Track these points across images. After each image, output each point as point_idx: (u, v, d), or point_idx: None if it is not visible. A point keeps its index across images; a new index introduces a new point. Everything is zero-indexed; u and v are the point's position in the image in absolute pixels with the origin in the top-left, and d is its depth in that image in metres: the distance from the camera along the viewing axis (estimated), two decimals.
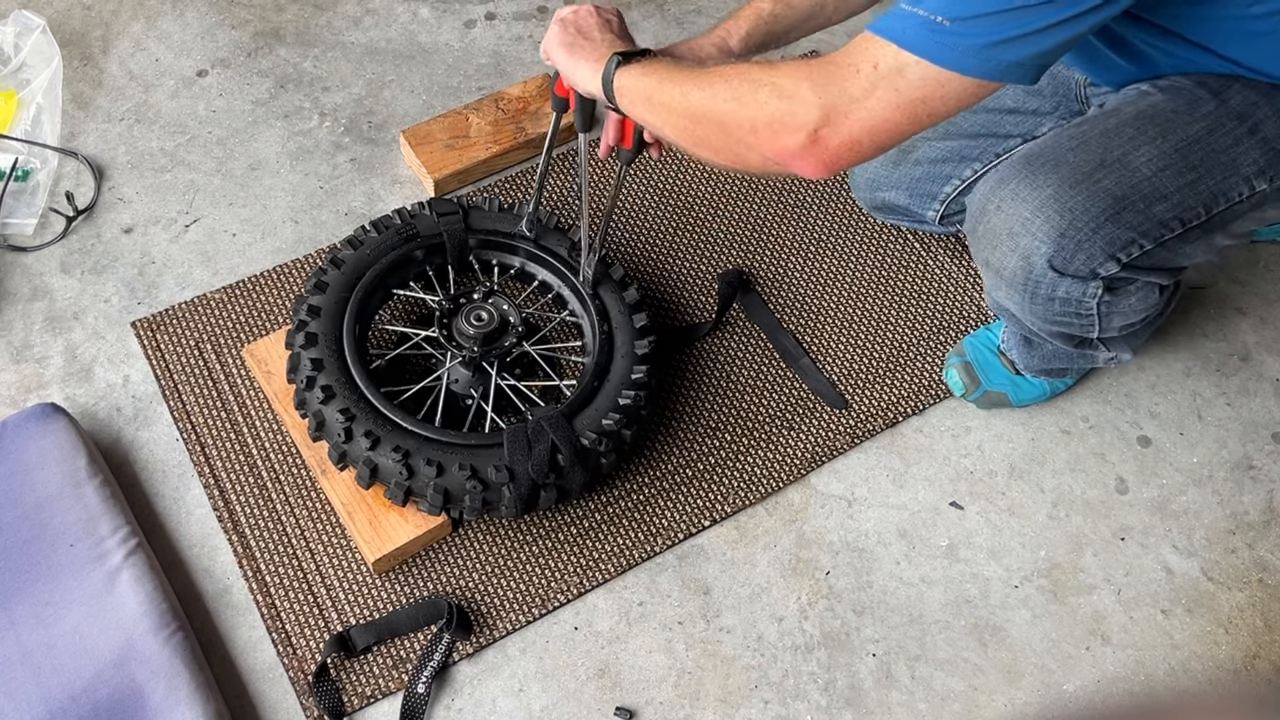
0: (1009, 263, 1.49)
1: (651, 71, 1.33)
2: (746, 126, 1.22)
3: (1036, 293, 1.50)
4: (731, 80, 1.25)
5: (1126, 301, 1.54)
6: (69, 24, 2.16)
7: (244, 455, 1.71)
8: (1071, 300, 1.50)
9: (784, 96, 1.19)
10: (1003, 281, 1.53)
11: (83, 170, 1.97)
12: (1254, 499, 1.80)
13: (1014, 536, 1.74)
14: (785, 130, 1.20)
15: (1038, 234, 1.45)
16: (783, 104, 1.19)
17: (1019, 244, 1.47)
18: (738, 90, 1.23)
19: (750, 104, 1.21)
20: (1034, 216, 1.45)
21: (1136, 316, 1.58)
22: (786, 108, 1.19)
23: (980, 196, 1.52)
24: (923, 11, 1.14)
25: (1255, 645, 1.68)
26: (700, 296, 1.92)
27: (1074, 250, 1.45)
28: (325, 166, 2.02)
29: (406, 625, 1.58)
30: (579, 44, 1.42)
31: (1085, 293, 1.49)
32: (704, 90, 1.27)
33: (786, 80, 1.20)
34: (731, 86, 1.24)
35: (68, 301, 1.84)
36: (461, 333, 1.68)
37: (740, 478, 1.75)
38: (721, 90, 1.25)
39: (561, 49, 1.44)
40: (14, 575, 1.51)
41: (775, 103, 1.20)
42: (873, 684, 1.61)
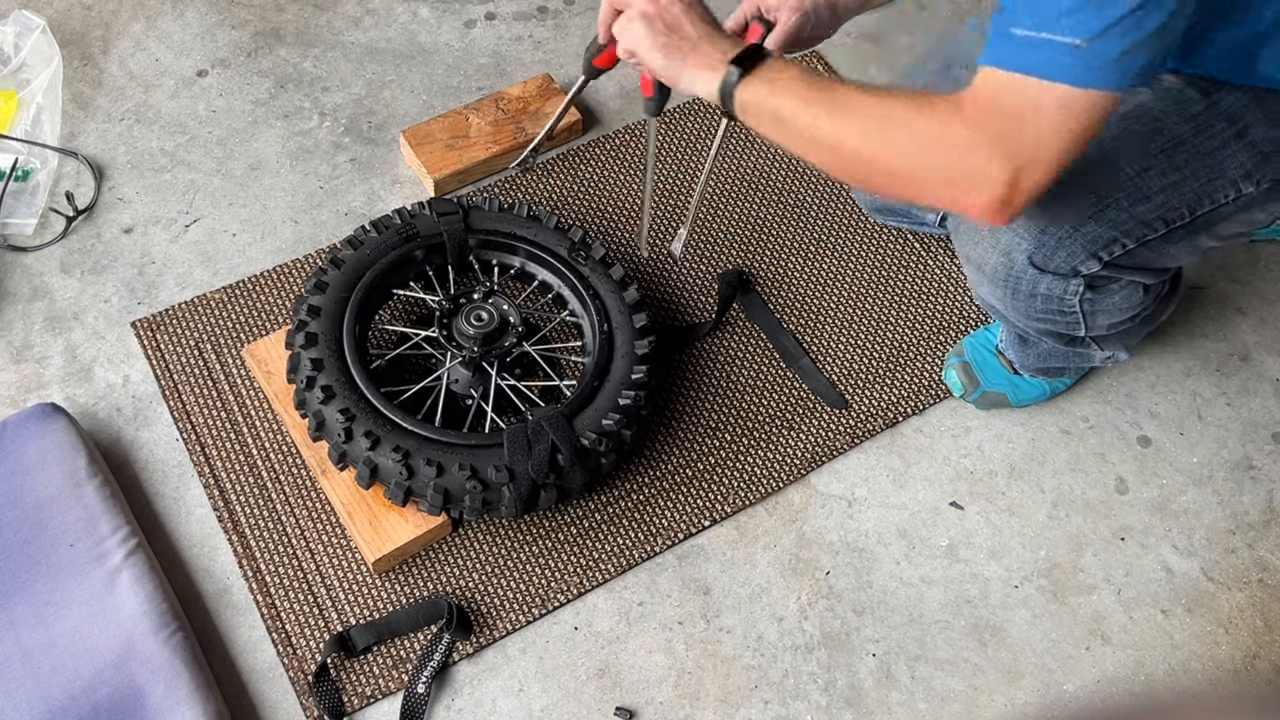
0: (990, 258, 1.49)
1: (779, 90, 1.27)
2: (923, 182, 1.22)
3: (1018, 289, 1.50)
4: (895, 108, 1.21)
5: (1110, 300, 1.54)
6: (69, 24, 2.16)
7: (244, 455, 1.71)
8: (1053, 297, 1.50)
9: (964, 158, 1.18)
10: (984, 277, 1.53)
11: (83, 170, 1.97)
12: (1254, 499, 1.80)
13: (1014, 536, 1.74)
14: (972, 192, 1.19)
15: (1019, 229, 1.45)
16: (965, 166, 1.18)
17: (1000, 240, 1.47)
18: (902, 144, 1.21)
19: (927, 163, 1.20)
20: None
21: (1122, 315, 1.58)
22: (970, 171, 1.18)
23: None
24: (1060, 38, 1.12)
25: (1255, 645, 1.68)
26: (700, 296, 1.92)
27: (1055, 247, 1.44)
28: (325, 166, 2.02)
29: (406, 625, 1.58)
30: (676, 44, 1.33)
31: (1066, 290, 1.49)
32: (848, 124, 1.23)
33: (961, 137, 1.17)
34: (882, 128, 1.21)
35: (68, 301, 1.84)
36: (461, 333, 1.68)
37: (740, 478, 1.75)
38: (875, 128, 1.22)
39: (657, 52, 1.33)
40: (14, 575, 1.51)
41: (957, 164, 1.19)
42: (873, 684, 1.61)
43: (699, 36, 1.33)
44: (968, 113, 1.17)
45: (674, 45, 1.33)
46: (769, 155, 2.09)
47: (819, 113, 1.25)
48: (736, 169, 2.07)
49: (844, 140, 1.24)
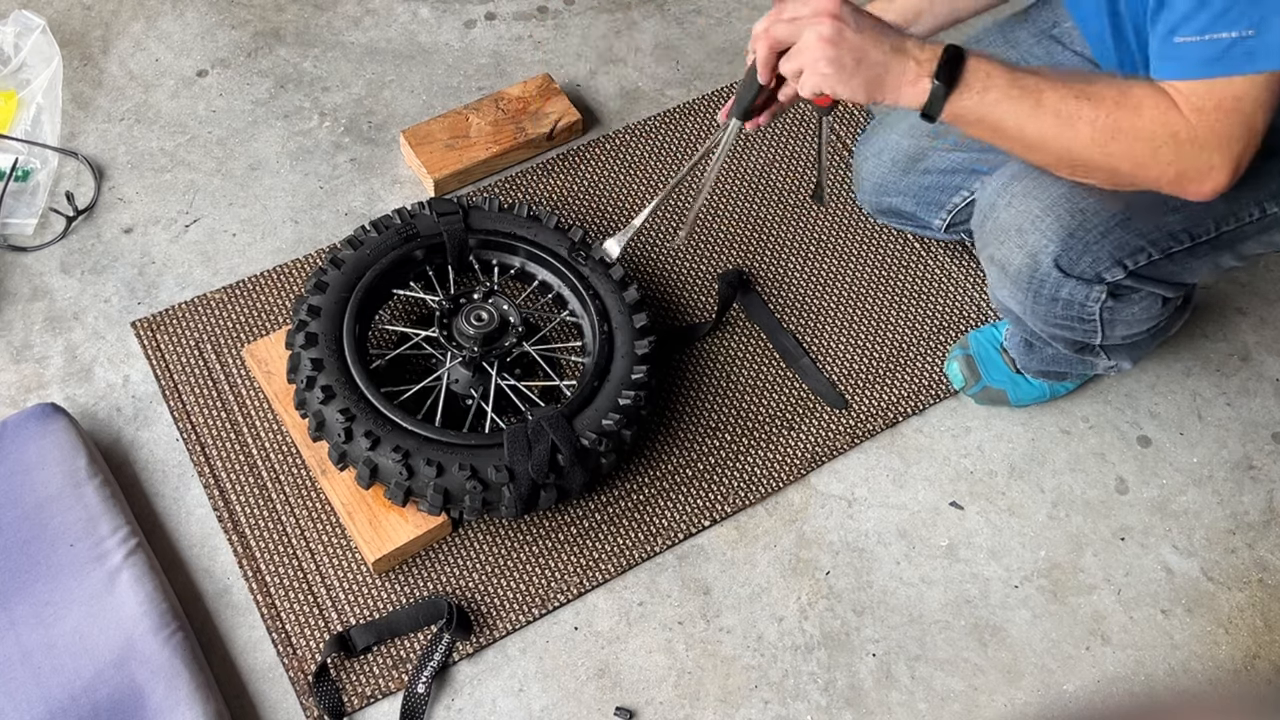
0: (1015, 259, 1.49)
1: (990, 101, 1.27)
2: (1152, 179, 1.28)
3: (1040, 292, 1.50)
4: (1111, 118, 1.25)
5: (1130, 310, 1.54)
6: (69, 24, 2.16)
7: (244, 455, 1.71)
8: (1074, 303, 1.50)
9: (1196, 158, 1.25)
10: (1007, 279, 1.53)
11: (83, 170, 1.97)
12: (1254, 499, 1.80)
13: (1014, 536, 1.74)
14: (1198, 182, 1.27)
15: (1047, 232, 1.45)
16: (1196, 164, 1.25)
17: (1027, 240, 1.47)
18: (1129, 147, 1.26)
19: (1154, 165, 1.26)
20: (1045, 214, 1.45)
21: (1140, 326, 1.58)
22: (1199, 167, 1.25)
23: (991, 191, 1.52)
24: (1233, 33, 1.19)
25: (1255, 645, 1.68)
26: (700, 296, 1.92)
27: (1081, 251, 1.45)
28: (325, 166, 2.02)
29: (406, 625, 1.58)
30: (866, 73, 1.26)
31: (1089, 296, 1.49)
32: (1074, 134, 1.26)
33: (1188, 139, 1.24)
34: (1116, 133, 1.25)
35: (68, 301, 1.84)
36: (461, 333, 1.68)
37: (740, 478, 1.75)
38: (1107, 136, 1.25)
39: (850, 87, 1.27)
40: (14, 575, 1.51)
41: (1188, 163, 1.25)
42: (873, 684, 1.61)
43: (888, 54, 1.26)
44: (1189, 118, 1.23)
45: (865, 75, 1.26)
46: (769, 155, 2.09)
47: (1042, 124, 1.27)
48: (736, 169, 2.07)
49: (1070, 148, 1.27)
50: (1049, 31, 1.70)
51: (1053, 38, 1.69)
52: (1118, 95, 1.26)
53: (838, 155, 2.10)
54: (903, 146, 1.82)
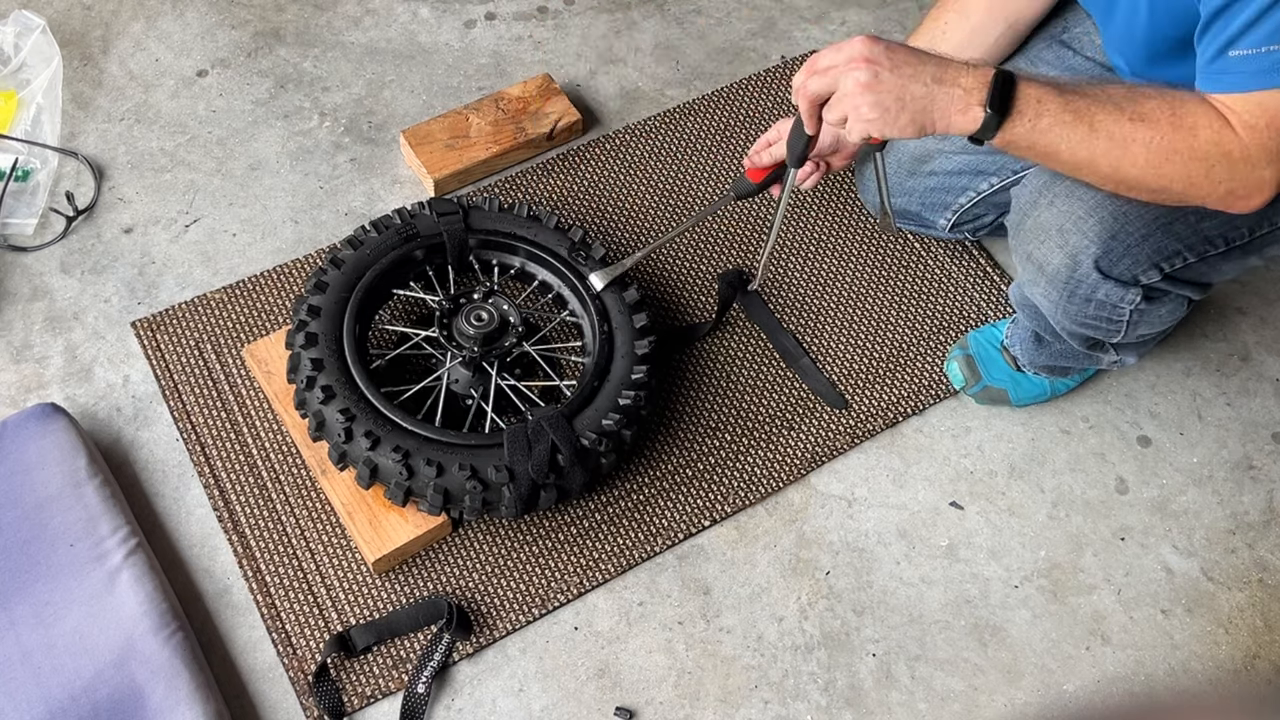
0: (1054, 259, 1.49)
1: (1042, 129, 1.26)
2: (1202, 196, 1.29)
3: (1076, 292, 1.50)
4: (1165, 141, 1.25)
5: (1158, 312, 1.55)
6: (69, 24, 2.16)
7: (244, 455, 1.71)
8: (1108, 304, 1.51)
9: (1247, 175, 1.26)
10: (1043, 277, 1.52)
11: (83, 170, 1.97)
12: (1254, 499, 1.80)
13: (1014, 536, 1.74)
14: (1248, 198, 1.28)
15: (1089, 233, 1.45)
16: (1246, 181, 1.26)
17: (1068, 241, 1.47)
18: (1183, 169, 1.26)
19: (1205, 183, 1.27)
20: (1088, 216, 1.45)
21: (1162, 326, 1.59)
22: (1250, 183, 1.26)
23: (1031, 190, 1.51)
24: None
25: (1255, 645, 1.68)
26: (700, 296, 1.92)
27: (1122, 254, 1.45)
28: (325, 166, 2.02)
29: (406, 625, 1.58)
30: (912, 110, 1.25)
31: (1124, 298, 1.50)
32: (1126, 157, 1.27)
33: (1240, 157, 1.25)
34: (1171, 155, 1.26)
35: (68, 301, 1.84)
36: (461, 333, 1.68)
37: (740, 478, 1.75)
38: (1161, 158, 1.26)
39: (900, 128, 1.26)
40: (14, 575, 1.51)
41: (1239, 180, 1.26)
42: (873, 684, 1.61)
43: (930, 86, 1.25)
44: (1242, 136, 1.25)
45: (910, 112, 1.25)
46: None
47: (1094, 149, 1.27)
48: (736, 169, 2.07)
49: (1123, 170, 1.28)
50: (1059, 37, 1.69)
51: (1063, 43, 1.69)
52: (1172, 116, 1.25)
53: None
54: (909, 148, 1.82)
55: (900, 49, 1.27)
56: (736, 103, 2.15)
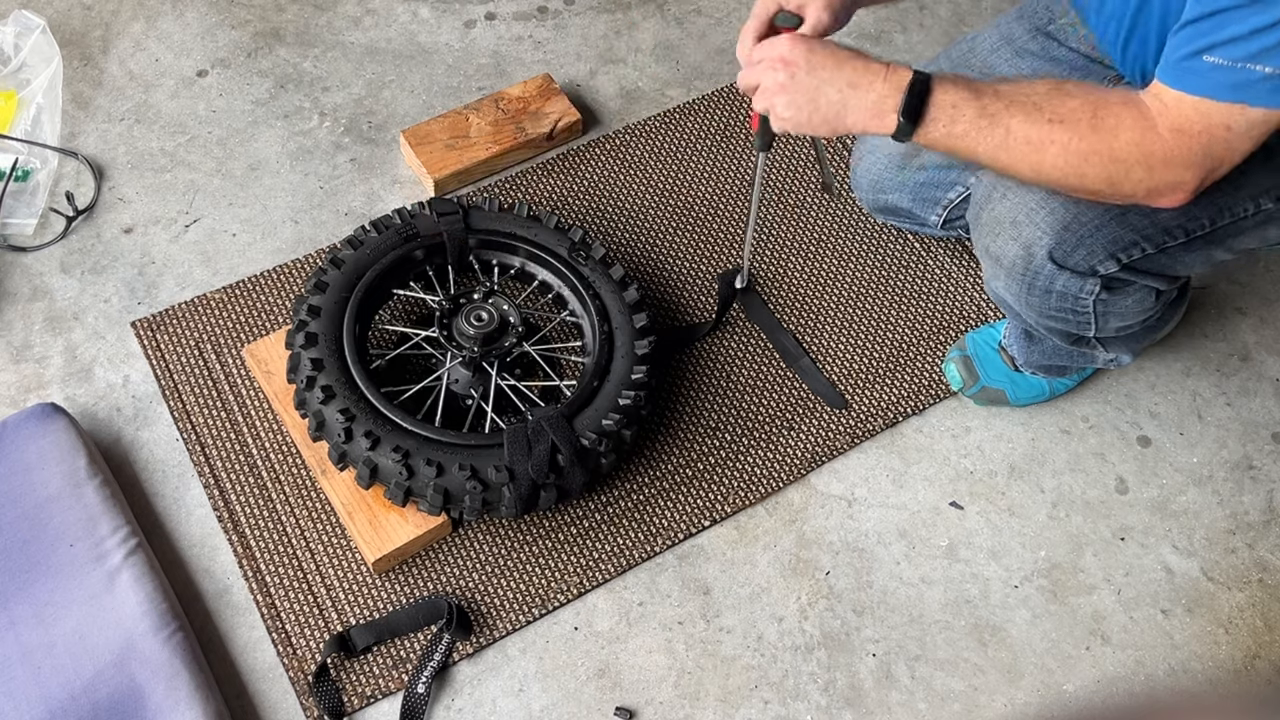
0: (1009, 251, 1.50)
1: (957, 135, 1.30)
2: (1121, 195, 1.32)
3: (1034, 284, 1.51)
4: (1084, 144, 1.27)
5: (1124, 303, 1.54)
6: (69, 24, 2.16)
7: (244, 455, 1.71)
8: (1068, 295, 1.51)
9: (1166, 175, 1.28)
10: (1001, 270, 1.53)
11: (83, 170, 1.97)
12: (1254, 499, 1.80)
13: (1014, 536, 1.74)
14: (1166, 195, 1.30)
15: (1041, 224, 1.46)
16: (1166, 180, 1.28)
17: (1021, 233, 1.48)
18: (1101, 170, 1.29)
19: (1126, 183, 1.29)
20: (1039, 207, 1.46)
21: (1133, 319, 1.59)
22: (1169, 182, 1.29)
23: (986, 183, 1.52)
24: (1258, 68, 1.20)
25: (1255, 645, 1.68)
26: (700, 296, 1.92)
27: (1075, 244, 1.45)
28: (325, 166, 2.02)
29: (406, 625, 1.58)
30: (824, 112, 1.33)
31: (1083, 289, 1.50)
32: (1043, 157, 1.29)
33: (1161, 158, 1.26)
34: (1089, 156, 1.28)
35: (68, 301, 1.84)
36: (461, 333, 1.68)
37: (740, 478, 1.75)
38: (1079, 160, 1.28)
39: (812, 125, 1.33)
40: (14, 575, 1.51)
41: (1159, 179, 1.28)
42: (873, 684, 1.61)
43: (844, 91, 1.32)
44: (1165, 137, 1.26)
45: (823, 114, 1.33)
46: (768, 155, 2.09)
47: (1012, 153, 1.30)
48: (736, 169, 2.07)
49: (1042, 172, 1.31)
50: (1044, 28, 1.70)
51: (1048, 34, 1.70)
52: (1092, 118, 1.27)
53: (836, 155, 2.10)
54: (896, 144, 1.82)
55: (822, 52, 1.33)
56: (736, 103, 2.15)
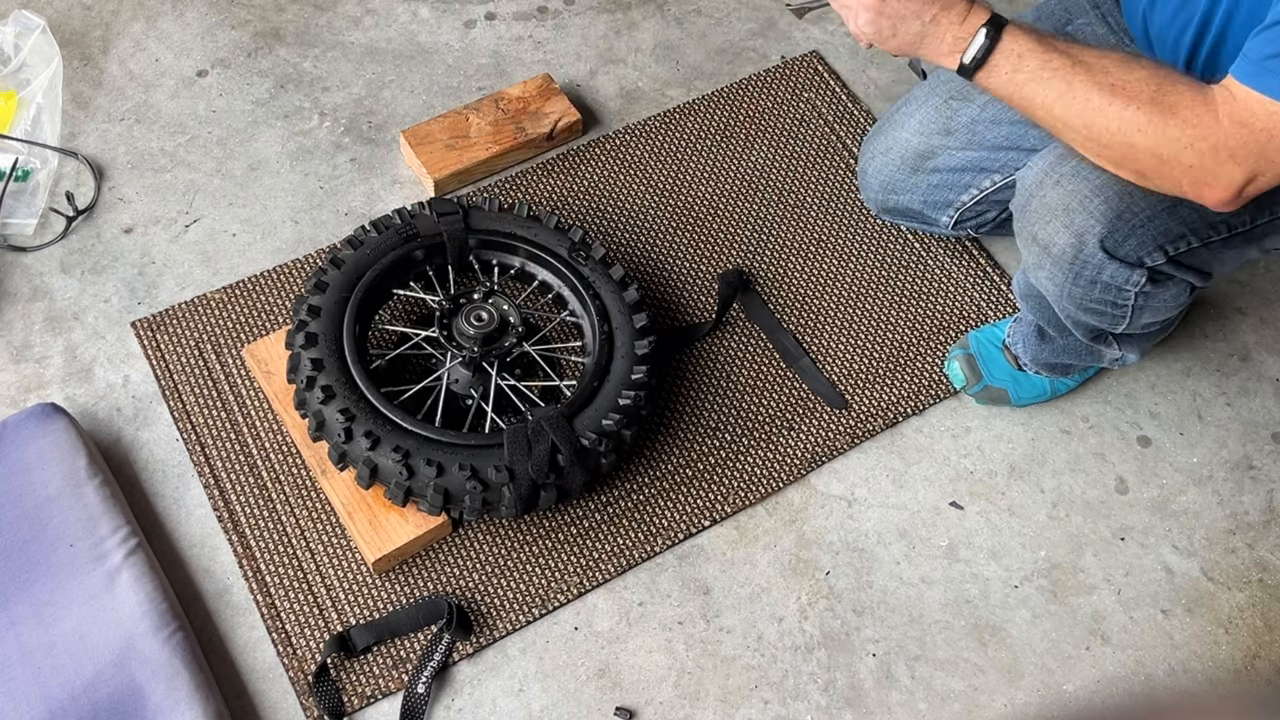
0: (1060, 239, 1.50)
1: (1019, 84, 1.32)
2: (1168, 177, 1.31)
3: (1081, 273, 1.51)
4: (1139, 115, 1.27)
5: (1163, 296, 1.55)
6: (69, 24, 2.16)
7: (244, 455, 1.71)
8: (1113, 286, 1.51)
9: (1215, 165, 1.27)
10: (1049, 258, 1.53)
11: (83, 170, 1.97)
12: (1254, 499, 1.80)
13: (1014, 536, 1.74)
14: (1212, 188, 1.29)
15: (1095, 213, 1.46)
16: (1213, 170, 1.27)
17: (1074, 220, 1.48)
18: (1157, 140, 1.28)
19: (1174, 166, 1.29)
20: (1093, 195, 1.46)
21: (1165, 314, 1.60)
22: (1216, 173, 1.27)
23: (1038, 171, 1.52)
24: None
25: (1255, 645, 1.68)
26: (700, 296, 1.92)
27: (1127, 234, 1.46)
28: (325, 166, 2.02)
29: (406, 625, 1.58)
30: (905, 36, 1.35)
31: (1129, 280, 1.50)
32: (1097, 119, 1.29)
33: (1213, 146, 1.26)
34: (1143, 127, 1.27)
35: (68, 301, 1.84)
36: (461, 333, 1.68)
37: (740, 478, 1.75)
38: (1133, 129, 1.28)
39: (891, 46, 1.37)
40: (14, 575, 1.51)
41: (1207, 168, 1.27)
42: (873, 684, 1.61)
43: (926, 25, 1.34)
44: (1224, 125, 1.25)
45: (901, 40, 1.36)
46: (768, 156, 2.09)
47: (1068, 110, 1.31)
48: (736, 169, 2.07)
49: (1096, 135, 1.31)
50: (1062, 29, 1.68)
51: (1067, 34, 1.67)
52: (1156, 91, 1.27)
53: (838, 157, 2.10)
54: (912, 145, 1.82)
55: None
56: (736, 103, 2.15)
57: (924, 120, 1.79)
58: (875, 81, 2.20)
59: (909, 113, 1.83)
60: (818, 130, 2.12)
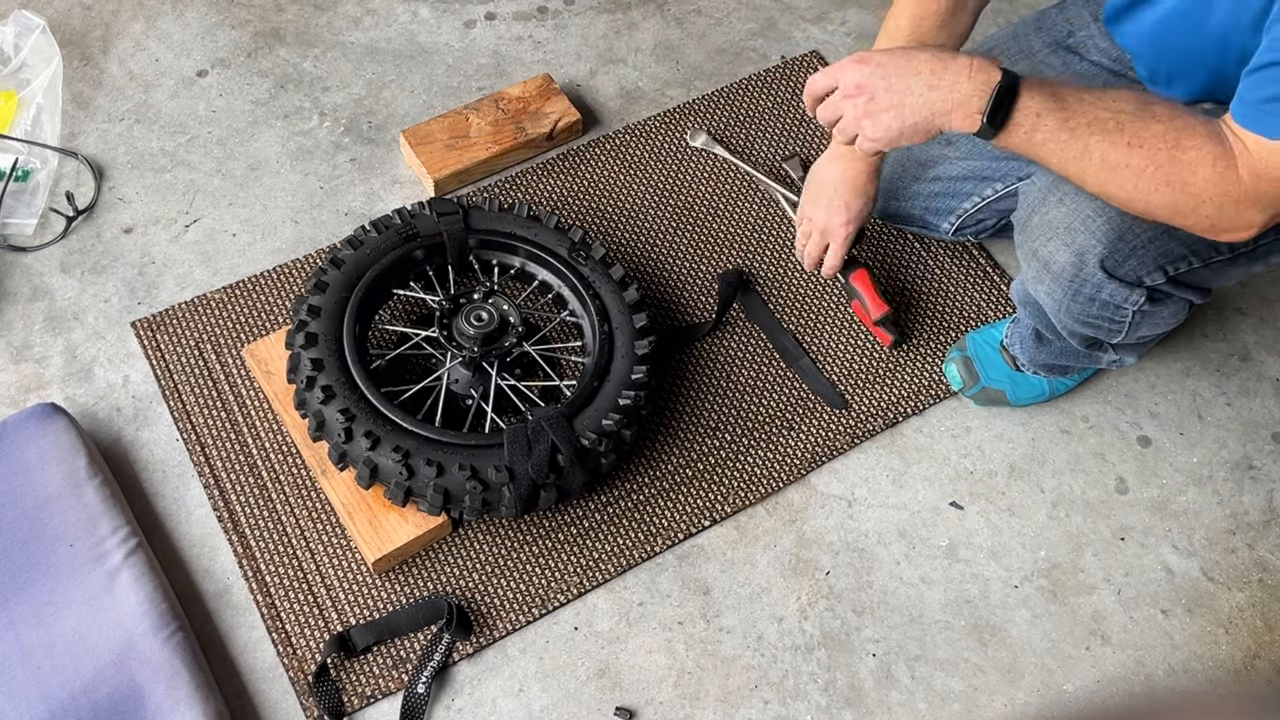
0: (1060, 257, 1.49)
1: (1037, 144, 1.29)
2: (1183, 224, 1.31)
3: (1080, 291, 1.50)
4: (1158, 175, 1.26)
5: (1161, 313, 1.55)
6: (69, 24, 2.16)
7: (244, 455, 1.71)
8: (1111, 305, 1.51)
9: (1236, 213, 1.27)
10: (1048, 275, 1.52)
11: (83, 170, 1.97)
12: (1254, 499, 1.80)
13: (1014, 536, 1.74)
14: (1231, 232, 1.30)
15: (1096, 232, 1.45)
16: (1233, 218, 1.27)
17: (1075, 239, 1.47)
18: (1170, 199, 1.27)
19: (1191, 216, 1.29)
20: (1096, 215, 1.45)
21: (1163, 328, 1.60)
22: (1236, 220, 1.28)
23: (1041, 187, 1.52)
24: None
25: (1255, 645, 1.68)
26: (700, 296, 1.92)
27: (1128, 254, 1.45)
28: (325, 166, 2.02)
29: (406, 625, 1.58)
30: (911, 117, 1.30)
31: (1127, 299, 1.50)
32: (1114, 178, 1.28)
33: (1233, 197, 1.25)
34: (1160, 188, 1.27)
35: (68, 301, 1.84)
36: (461, 333, 1.68)
37: (740, 478, 1.75)
38: (1150, 189, 1.27)
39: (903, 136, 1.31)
40: (14, 575, 1.51)
41: (1227, 216, 1.27)
42: (873, 684, 1.61)
43: (925, 92, 1.29)
44: (1245, 179, 1.24)
45: (913, 121, 1.30)
46: (769, 154, 2.09)
47: (1084, 170, 1.29)
48: (736, 168, 2.07)
49: (1110, 192, 1.31)
50: (1064, 42, 1.69)
51: (1068, 48, 1.68)
52: (1174, 147, 1.25)
53: None
54: (913, 154, 1.82)
55: (891, 61, 1.30)
56: (736, 103, 2.15)
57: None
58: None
59: None
60: (818, 130, 2.12)
